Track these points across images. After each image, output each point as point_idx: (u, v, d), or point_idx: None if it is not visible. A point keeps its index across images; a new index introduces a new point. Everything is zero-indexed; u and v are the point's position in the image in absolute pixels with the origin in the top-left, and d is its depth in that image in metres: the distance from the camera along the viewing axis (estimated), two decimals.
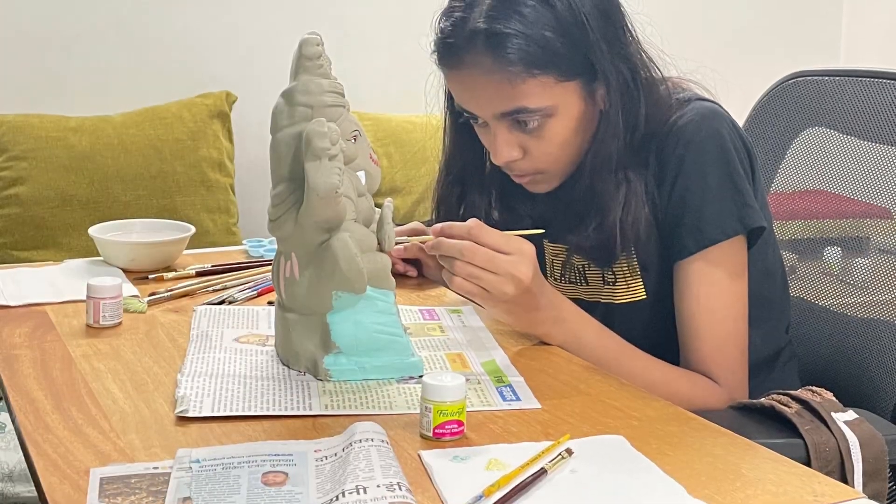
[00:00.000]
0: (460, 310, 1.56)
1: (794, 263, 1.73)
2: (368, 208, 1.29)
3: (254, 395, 1.21)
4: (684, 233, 1.43)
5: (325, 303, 1.25)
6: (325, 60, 1.27)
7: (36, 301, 1.58)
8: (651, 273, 1.48)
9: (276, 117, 1.27)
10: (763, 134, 1.75)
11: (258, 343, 1.39)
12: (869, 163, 1.61)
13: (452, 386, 1.10)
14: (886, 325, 1.55)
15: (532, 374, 1.30)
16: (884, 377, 1.53)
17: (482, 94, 1.42)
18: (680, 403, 1.26)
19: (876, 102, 1.59)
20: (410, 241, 1.48)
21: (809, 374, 1.61)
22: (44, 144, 2.83)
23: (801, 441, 1.25)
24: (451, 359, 1.36)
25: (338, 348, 1.26)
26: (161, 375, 1.28)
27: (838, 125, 1.65)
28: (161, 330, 1.46)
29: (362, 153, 1.29)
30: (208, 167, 2.97)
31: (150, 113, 2.99)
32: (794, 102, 1.72)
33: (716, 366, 1.42)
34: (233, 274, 1.73)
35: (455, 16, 1.42)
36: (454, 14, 1.42)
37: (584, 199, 1.47)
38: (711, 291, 1.43)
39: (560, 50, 1.39)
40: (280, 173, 1.26)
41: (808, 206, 1.73)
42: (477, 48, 1.39)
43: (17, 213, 2.80)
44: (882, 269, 1.59)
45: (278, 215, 1.26)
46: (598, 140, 1.45)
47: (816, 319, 1.67)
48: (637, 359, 1.42)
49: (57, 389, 1.24)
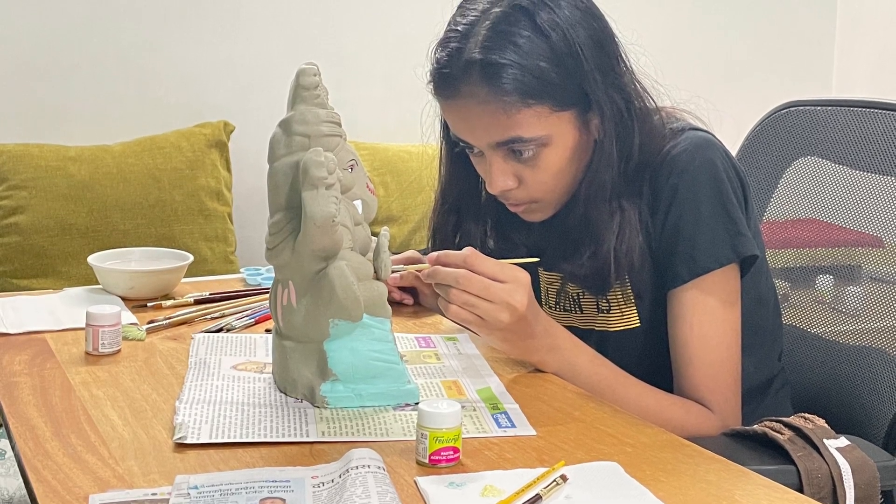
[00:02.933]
0: (456, 337, 1.57)
1: (786, 291, 1.74)
2: (365, 237, 1.31)
3: (251, 422, 1.22)
4: (678, 261, 1.45)
5: (322, 330, 1.26)
6: (321, 90, 1.28)
7: (36, 329, 1.59)
8: (645, 301, 1.50)
9: (274, 147, 1.28)
10: (756, 163, 1.77)
11: (256, 370, 1.40)
12: (861, 192, 1.63)
13: (448, 413, 1.11)
14: (878, 353, 1.56)
15: (527, 401, 1.31)
16: (875, 404, 1.54)
17: (478, 124, 1.43)
18: (674, 430, 1.27)
19: (867, 132, 1.61)
20: (407, 270, 1.50)
21: (802, 401, 1.62)
22: (43, 174, 2.84)
23: (793, 467, 1.26)
24: (447, 386, 1.37)
25: (335, 375, 1.27)
26: (159, 402, 1.29)
27: (830, 154, 1.67)
28: (159, 357, 1.48)
29: (359, 182, 1.31)
30: (206, 196, 2.98)
31: (149, 142, 3.01)
32: (786, 132, 1.74)
33: (709, 392, 1.43)
34: (230, 302, 1.75)
35: (451, 46, 1.44)
36: (450, 44, 1.44)
37: (578, 227, 1.48)
38: (705, 319, 1.44)
39: (555, 80, 1.40)
40: (277, 202, 1.27)
41: (800, 234, 1.74)
42: (472, 78, 1.41)
43: (17, 241, 2.81)
44: (874, 298, 1.61)
45: (276, 244, 1.27)
46: (593, 169, 1.46)
47: (809, 347, 1.68)
48: (631, 386, 1.43)
49: (56, 416, 1.25)
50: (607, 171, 1.46)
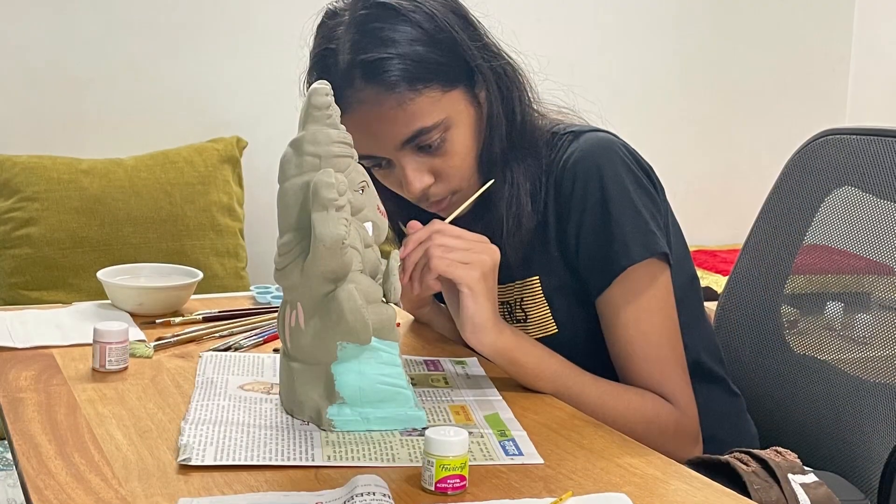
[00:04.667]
0: (464, 361, 1.56)
1: (813, 320, 1.72)
2: (375, 259, 1.30)
3: (257, 445, 1.21)
4: (596, 268, 1.46)
5: (329, 353, 1.25)
6: (333, 111, 1.28)
7: (43, 343, 1.59)
8: (557, 306, 1.51)
9: (284, 167, 1.28)
10: (793, 192, 1.74)
11: (263, 391, 1.39)
12: (895, 224, 1.60)
13: (455, 441, 1.10)
14: (883, 388, 1.54)
15: (535, 428, 1.30)
16: (874, 440, 1.52)
17: (378, 129, 1.43)
18: (634, 416, 1.33)
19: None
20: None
21: (802, 431, 1.60)
22: (56, 186, 2.85)
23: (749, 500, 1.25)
24: (455, 410, 1.36)
25: (342, 398, 1.26)
26: (165, 422, 1.29)
27: (866, 185, 1.64)
28: (166, 375, 1.47)
29: (370, 204, 1.30)
30: (218, 211, 2.99)
31: (162, 157, 3.01)
32: (825, 161, 1.71)
33: (660, 385, 1.45)
34: (239, 320, 1.74)
35: (323, 64, 1.44)
36: (320, 63, 1.45)
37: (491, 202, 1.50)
38: (641, 316, 1.45)
39: (436, 59, 1.42)
40: (287, 223, 1.27)
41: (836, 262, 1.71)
42: (356, 84, 1.41)
43: (29, 253, 2.81)
44: (883, 326, 1.59)
45: (285, 264, 1.26)
46: (488, 138, 1.49)
47: (816, 375, 1.66)
48: (583, 375, 1.44)
49: (61, 434, 1.24)
50: (497, 136, 1.48)
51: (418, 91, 1.40)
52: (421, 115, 1.41)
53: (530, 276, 1.53)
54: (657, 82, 3.64)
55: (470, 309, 1.36)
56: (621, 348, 1.46)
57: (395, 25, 1.41)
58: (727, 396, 1.63)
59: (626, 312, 1.45)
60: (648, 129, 3.58)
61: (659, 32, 3.67)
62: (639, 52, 3.63)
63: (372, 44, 1.40)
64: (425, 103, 1.41)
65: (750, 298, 1.75)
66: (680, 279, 1.53)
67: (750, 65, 3.83)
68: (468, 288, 1.36)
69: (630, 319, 1.45)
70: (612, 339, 1.48)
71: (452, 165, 1.46)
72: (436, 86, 1.42)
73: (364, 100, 1.41)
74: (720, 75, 3.78)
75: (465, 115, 1.46)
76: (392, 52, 1.39)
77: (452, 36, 1.44)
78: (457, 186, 1.49)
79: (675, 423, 1.44)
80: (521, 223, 1.49)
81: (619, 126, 1.73)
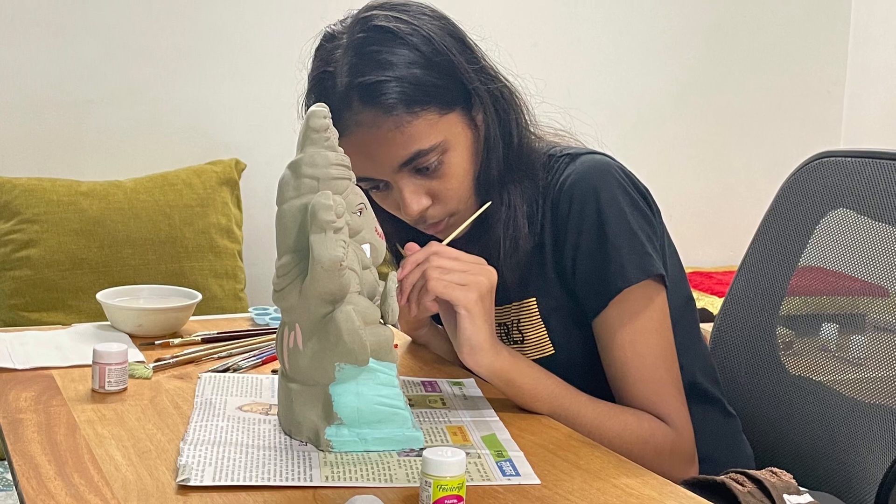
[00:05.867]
0: (462, 382, 1.57)
1: (808, 341, 1.73)
2: (373, 281, 1.31)
3: (255, 465, 1.21)
4: (592, 290, 1.47)
5: (327, 374, 1.26)
6: (331, 133, 1.29)
7: (43, 365, 1.60)
8: (554, 327, 1.52)
9: (283, 189, 1.29)
10: (788, 214, 1.74)
11: (261, 412, 1.40)
12: (890, 246, 1.61)
13: (453, 461, 1.11)
14: (877, 409, 1.55)
15: (532, 449, 1.31)
16: (869, 461, 1.52)
17: (376, 151, 1.43)
18: (630, 437, 1.35)
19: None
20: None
21: (797, 451, 1.61)
22: (55, 208, 2.86)
23: None
24: (452, 431, 1.37)
25: (339, 419, 1.27)
26: (164, 442, 1.29)
27: (861, 207, 1.65)
28: (165, 396, 1.48)
29: (368, 226, 1.31)
30: (217, 233, 3.00)
31: (161, 179, 3.03)
32: (820, 183, 1.71)
33: (655, 406, 1.46)
34: (238, 341, 1.75)
35: (322, 86, 1.45)
36: (318, 86, 1.46)
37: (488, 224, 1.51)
38: (637, 338, 1.46)
39: (433, 82, 1.43)
40: (285, 244, 1.28)
41: (832, 284, 1.72)
42: (354, 106, 1.42)
43: (29, 275, 2.82)
44: (877, 347, 1.60)
45: (283, 286, 1.27)
46: (486, 160, 1.50)
47: (812, 396, 1.67)
48: (579, 396, 1.44)
49: (60, 455, 1.25)
50: (494, 158, 1.49)
51: (416, 114, 1.41)
52: (418, 138, 1.42)
53: (527, 297, 1.54)
54: (653, 105, 3.66)
55: (467, 330, 1.37)
56: (618, 369, 1.47)
57: (393, 48, 1.42)
58: (723, 417, 1.63)
59: (622, 333, 1.46)
60: (645, 151, 3.60)
61: (655, 56, 3.69)
62: (635, 76, 3.65)
63: (370, 67, 1.42)
64: (423, 126, 1.42)
65: (745, 320, 1.76)
66: (676, 300, 1.54)
67: (746, 87, 3.85)
68: (465, 309, 1.37)
69: (626, 340, 1.46)
70: (609, 360, 1.48)
71: (450, 187, 1.47)
72: (433, 108, 1.43)
73: (362, 122, 1.42)
74: (716, 98, 3.80)
75: (462, 138, 1.47)
76: (390, 75, 1.41)
77: (450, 59, 1.45)
78: (454, 208, 1.50)
79: (671, 444, 1.45)
80: (517, 245, 1.50)
81: (616, 148, 1.74)
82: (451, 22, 1.51)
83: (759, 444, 1.68)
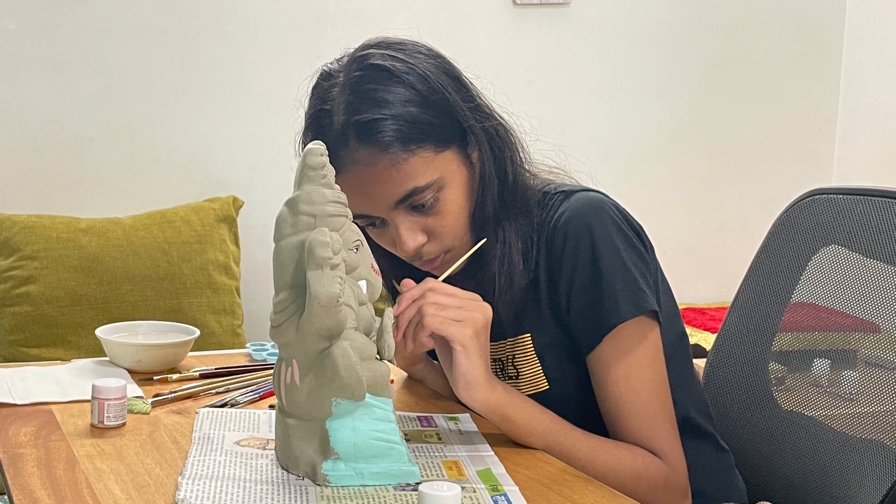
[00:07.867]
0: (457, 417, 1.58)
1: (800, 377, 1.74)
2: (369, 317, 1.32)
3: (253, 499, 1.23)
4: (586, 326, 1.49)
5: (324, 409, 1.27)
6: (328, 171, 1.30)
7: (42, 400, 1.61)
8: (549, 363, 1.54)
9: (280, 226, 1.30)
10: (780, 251, 1.76)
11: (259, 447, 1.41)
12: (878, 282, 1.62)
13: (448, 496, 1.12)
14: (869, 444, 1.56)
15: (526, 483, 1.32)
16: (861, 496, 1.54)
17: (372, 189, 1.45)
18: (624, 472, 1.36)
19: (888, 222, 1.60)
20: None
21: (789, 485, 1.62)
22: (55, 245, 2.88)
23: None
24: (448, 466, 1.38)
25: (336, 454, 1.28)
26: (163, 477, 1.31)
27: (852, 244, 1.66)
28: (164, 431, 1.49)
29: (364, 263, 1.33)
30: (215, 270, 3.01)
31: (159, 216, 3.04)
32: (811, 220, 1.72)
33: (649, 441, 1.47)
34: (236, 377, 1.76)
35: (318, 124, 1.47)
36: (315, 124, 1.48)
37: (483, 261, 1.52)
38: (631, 373, 1.48)
39: (429, 120, 1.45)
40: (283, 281, 1.29)
41: (824, 320, 1.73)
42: (351, 144, 1.44)
43: (28, 311, 2.83)
44: (869, 382, 1.61)
45: (280, 322, 1.29)
46: (481, 197, 1.52)
47: (804, 431, 1.68)
48: (574, 430, 1.46)
49: (60, 490, 1.26)
50: (490, 195, 1.51)
51: (412, 151, 1.43)
52: (414, 175, 1.44)
53: (522, 333, 1.56)
54: (647, 143, 3.69)
55: (462, 366, 1.39)
56: (612, 404, 1.49)
57: (389, 87, 1.45)
58: (715, 452, 1.65)
59: (616, 369, 1.48)
60: (638, 188, 3.63)
61: (648, 94, 3.72)
62: (629, 114, 3.68)
63: (366, 105, 1.44)
64: (419, 163, 1.44)
65: (738, 355, 1.77)
66: (669, 336, 1.55)
67: (738, 125, 3.88)
68: (461, 345, 1.38)
69: (620, 376, 1.48)
70: (603, 396, 1.50)
71: (445, 224, 1.49)
72: (429, 146, 1.45)
73: (358, 160, 1.44)
74: (709, 136, 3.83)
75: (457, 175, 1.49)
76: (386, 113, 1.43)
77: (445, 97, 1.47)
78: (450, 245, 1.52)
79: (665, 478, 1.46)
80: (512, 281, 1.51)
81: (610, 186, 1.76)
82: (447, 60, 1.53)
83: (751, 478, 1.69)
